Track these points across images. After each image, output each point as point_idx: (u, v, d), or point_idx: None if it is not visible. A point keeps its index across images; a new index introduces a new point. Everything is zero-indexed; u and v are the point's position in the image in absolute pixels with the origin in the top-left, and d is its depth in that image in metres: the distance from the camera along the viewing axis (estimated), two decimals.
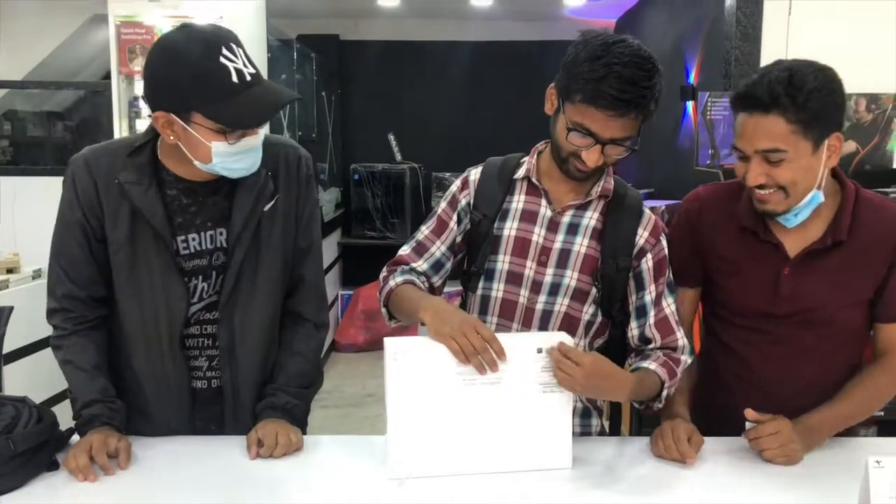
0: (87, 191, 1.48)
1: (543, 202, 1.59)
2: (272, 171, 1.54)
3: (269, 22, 3.89)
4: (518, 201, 1.61)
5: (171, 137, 1.40)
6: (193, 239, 1.51)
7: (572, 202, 1.57)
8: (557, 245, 1.57)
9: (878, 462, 1.06)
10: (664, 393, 1.50)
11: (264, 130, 1.45)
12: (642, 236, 1.57)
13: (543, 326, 1.58)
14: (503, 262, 1.58)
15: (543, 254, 1.57)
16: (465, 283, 1.67)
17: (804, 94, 1.38)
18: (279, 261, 1.57)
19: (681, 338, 1.57)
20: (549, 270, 1.57)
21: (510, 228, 1.59)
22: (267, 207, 1.53)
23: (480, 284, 1.61)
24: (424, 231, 1.65)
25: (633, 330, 1.59)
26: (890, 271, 1.53)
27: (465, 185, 1.64)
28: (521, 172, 1.61)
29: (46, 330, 1.57)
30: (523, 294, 1.58)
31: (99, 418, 1.47)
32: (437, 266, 1.63)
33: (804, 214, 1.50)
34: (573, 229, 1.57)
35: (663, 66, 1.43)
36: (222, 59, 1.32)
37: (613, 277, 1.56)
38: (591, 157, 1.44)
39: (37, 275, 3.35)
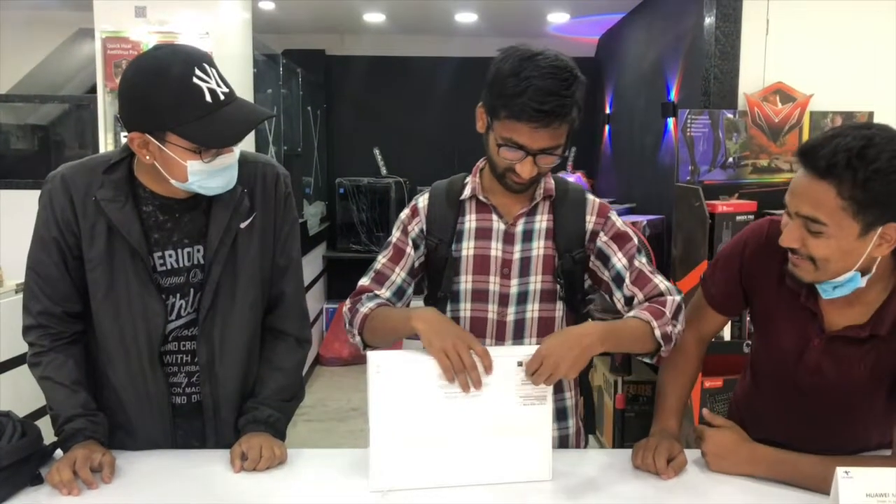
0: (63, 209, 1.48)
1: (494, 217, 1.61)
2: (249, 189, 1.54)
3: (255, 37, 3.90)
4: (470, 221, 1.63)
5: (147, 157, 1.40)
6: (170, 256, 1.51)
7: (521, 211, 1.60)
8: (517, 255, 1.60)
9: (846, 472, 1.08)
10: (657, 332, 1.46)
11: (239, 148, 1.46)
12: (590, 221, 1.61)
13: (518, 336, 1.60)
14: (467, 282, 1.60)
15: (505, 266, 1.59)
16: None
17: (868, 171, 1.21)
18: (257, 278, 1.58)
19: (660, 282, 1.56)
20: (514, 281, 1.59)
21: (468, 248, 1.61)
22: (243, 225, 1.54)
23: (448, 308, 1.62)
24: (382, 260, 1.65)
25: (618, 300, 1.59)
26: None
27: (414, 212, 1.66)
28: (467, 192, 1.63)
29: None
30: (492, 309, 1.60)
31: (82, 432, 1.47)
32: (399, 293, 1.63)
33: (843, 291, 1.37)
34: (528, 236, 1.61)
35: (644, 81, 1.46)
36: (195, 80, 1.34)
37: (572, 270, 1.60)
38: (525, 170, 1.47)
39: (20, 289, 3.32)
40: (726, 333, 2.82)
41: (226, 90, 1.38)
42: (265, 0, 4.73)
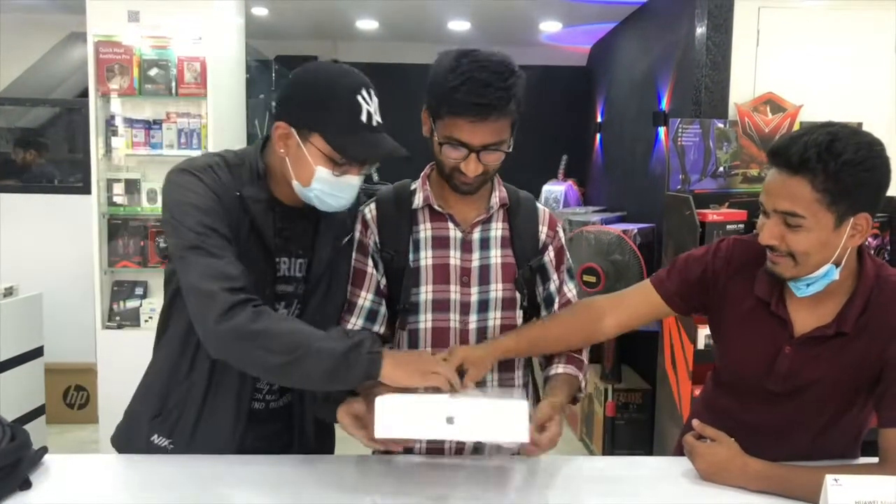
0: (217, 193, 1.40)
1: (450, 225, 1.59)
2: (351, 209, 1.55)
3: (247, 43, 3.90)
4: (425, 230, 1.59)
5: (282, 151, 1.41)
6: (284, 263, 1.51)
7: (477, 219, 1.59)
8: (475, 263, 1.59)
9: (836, 480, 1.09)
10: (582, 384, 1.62)
11: (361, 177, 1.47)
12: (542, 231, 1.64)
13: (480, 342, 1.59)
14: (427, 293, 1.57)
15: (465, 275, 1.58)
16: (391, 322, 1.63)
17: (838, 163, 1.29)
18: (342, 294, 1.58)
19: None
20: (474, 289, 1.58)
21: (426, 258, 1.58)
22: (345, 241, 1.56)
23: (408, 319, 1.59)
24: (348, 289, 1.59)
25: (542, 315, 1.66)
26: (884, 368, 1.42)
27: (364, 225, 1.60)
28: (418, 201, 1.59)
29: (17, 347, 1.55)
30: (453, 318, 1.58)
31: (377, 342, 1.45)
32: (371, 316, 1.58)
33: (816, 287, 1.42)
34: (485, 244, 1.60)
35: (635, 90, 1.46)
36: (360, 98, 1.38)
37: (531, 279, 1.62)
38: (470, 167, 1.46)
39: (8, 292, 3.30)
40: None
41: (380, 120, 1.43)
42: (258, 6, 4.73)
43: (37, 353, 3.45)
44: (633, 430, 3.87)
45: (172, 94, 3.09)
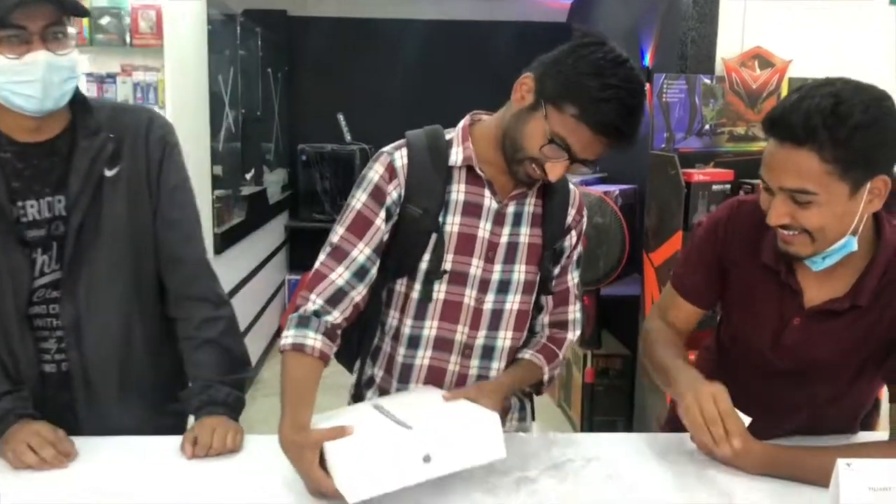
0: None
1: (487, 193, 1.45)
2: (117, 136, 1.44)
3: None
4: (458, 192, 1.44)
5: None
6: (32, 206, 1.41)
7: (516, 191, 1.46)
8: (504, 239, 1.47)
9: (848, 464, 1.00)
10: (545, 377, 1.54)
11: (67, 56, 1.33)
12: (570, 214, 1.53)
13: (493, 327, 1.50)
14: (446, 262, 1.45)
15: (490, 249, 1.46)
16: (391, 283, 1.49)
17: (847, 129, 1.17)
18: (125, 232, 1.46)
19: (573, 311, 1.58)
20: (497, 267, 1.47)
21: (452, 224, 1.44)
22: (109, 173, 1.43)
23: (416, 287, 1.46)
24: (340, 231, 1.42)
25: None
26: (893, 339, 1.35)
27: (391, 173, 1.41)
28: (457, 159, 1.42)
29: None
30: (469, 294, 1.47)
31: (12, 412, 1.37)
32: (360, 273, 1.40)
33: (833, 259, 1.32)
34: (518, 219, 1.48)
35: (618, 47, 1.32)
36: None
37: (552, 263, 1.53)
38: (556, 171, 1.33)
39: None
40: None
41: None
42: None
43: None
44: (612, 397, 3.82)
45: (127, 44, 2.90)
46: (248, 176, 5.11)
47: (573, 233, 1.54)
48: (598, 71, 1.25)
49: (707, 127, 3.02)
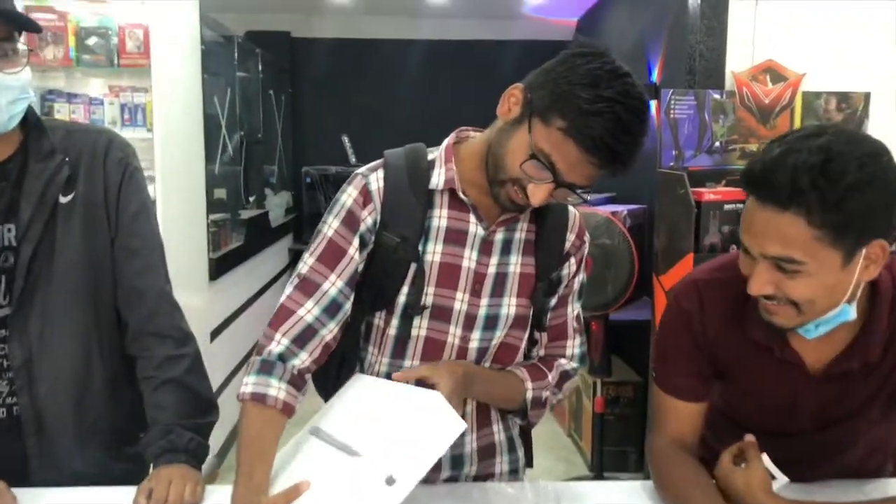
0: None
1: (472, 218, 1.30)
2: (73, 159, 1.33)
3: (211, 17, 3.63)
4: (440, 217, 1.29)
5: None
6: None
7: (505, 217, 1.31)
8: (492, 269, 1.32)
9: None
10: (528, 395, 1.35)
11: (18, 75, 1.23)
12: (569, 240, 1.38)
13: (477, 364, 1.36)
14: (427, 296, 1.30)
15: (477, 281, 1.31)
16: (369, 315, 1.34)
17: (840, 190, 1.01)
18: (82, 261, 1.35)
19: (571, 346, 1.42)
20: (484, 301, 1.32)
21: (433, 253, 1.29)
22: (64, 199, 1.32)
23: (394, 322, 1.32)
24: (309, 261, 1.28)
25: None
26: None
27: (366, 197, 1.27)
28: (437, 181, 1.28)
29: None
30: (453, 332, 1.32)
31: None
32: (332, 308, 1.26)
33: (828, 327, 1.17)
34: (507, 247, 1.33)
35: (625, 64, 1.16)
36: None
37: (547, 294, 1.38)
38: (539, 195, 1.17)
39: None
40: None
41: None
42: None
43: None
44: (623, 426, 3.68)
45: (114, 65, 2.81)
46: (250, 199, 5.04)
47: (572, 260, 1.39)
48: (592, 82, 1.10)
49: (717, 144, 2.91)
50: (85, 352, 1.37)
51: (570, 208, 1.39)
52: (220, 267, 3.68)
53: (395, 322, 1.31)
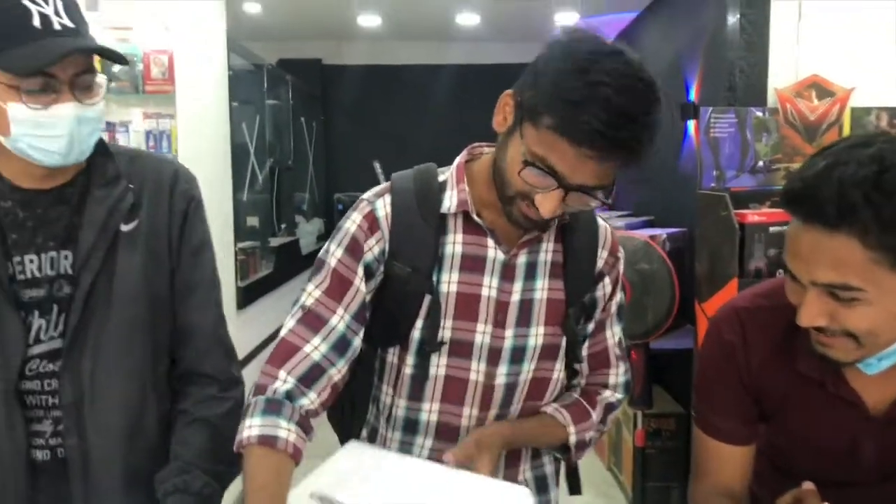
0: None
1: (490, 242, 1.20)
2: (137, 186, 1.27)
3: (241, 45, 3.62)
4: (455, 243, 1.19)
5: None
6: (31, 261, 1.21)
7: (526, 238, 1.20)
8: (516, 297, 1.21)
9: None
10: (571, 439, 1.26)
11: (96, 106, 1.18)
12: (601, 257, 1.27)
13: (507, 404, 1.25)
14: (445, 329, 1.19)
15: (500, 311, 1.20)
16: (383, 352, 1.25)
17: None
18: (142, 296, 1.26)
19: (615, 374, 1.31)
20: (509, 332, 1.21)
21: (449, 283, 1.18)
22: (126, 227, 1.24)
23: (409, 360, 1.21)
24: (314, 292, 1.16)
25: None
26: None
27: (372, 225, 1.18)
28: (451, 204, 1.18)
29: None
30: (476, 368, 1.21)
31: None
32: (340, 345, 1.15)
33: (892, 360, 1.04)
34: (531, 271, 1.22)
35: (662, 84, 1.04)
36: (25, 1, 1.10)
37: (580, 320, 1.27)
38: (547, 205, 1.05)
39: None
40: None
41: (68, 23, 1.12)
42: (250, 1, 4.47)
43: None
44: (666, 460, 3.50)
45: (139, 91, 2.79)
46: (281, 226, 5.02)
47: (606, 280, 1.27)
48: (576, 67, 0.99)
49: (761, 163, 2.80)
50: (139, 392, 1.28)
51: (600, 222, 1.29)
52: (247, 295, 3.64)
53: (410, 360, 1.21)
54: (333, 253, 1.19)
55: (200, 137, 3.05)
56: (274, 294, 4.21)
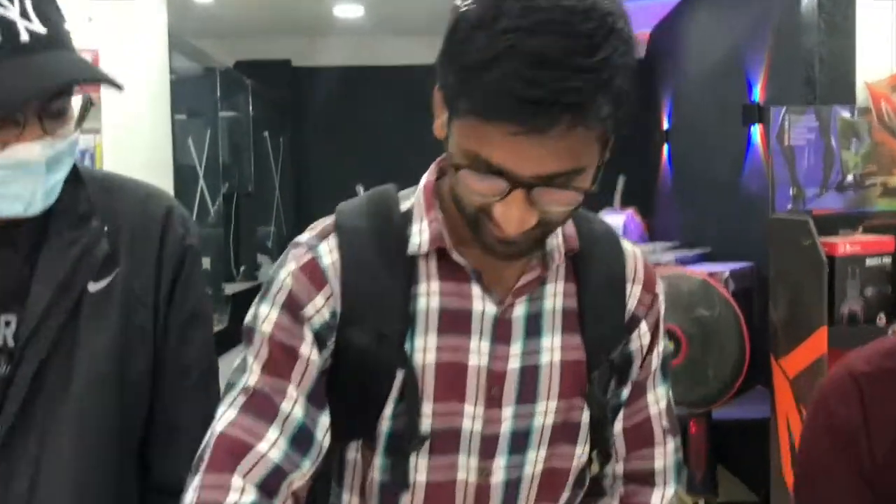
0: None
1: (476, 290, 1.10)
2: (113, 227, 1.18)
3: (189, 43, 3.63)
4: (429, 295, 1.09)
5: None
6: None
7: (523, 281, 1.10)
8: (514, 364, 1.11)
9: None
10: None
11: (68, 139, 1.10)
12: (633, 295, 1.17)
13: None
14: (424, 416, 1.09)
15: (494, 383, 1.10)
16: (342, 444, 1.13)
17: None
18: (112, 380, 1.18)
19: (661, 455, 1.22)
20: (508, 411, 1.11)
21: (424, 350, 1.08)
22: (95, 287, 1.16)
23: (377, 462, 1.10)
24: (255, 368, 1.04)
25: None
26: None
27: (315, 277, 1.07)
28: (420, 241, 1.09)
29: None
30: (465, 464, 1.11)
31: None
32: (301, 439, 1.04)
33: None
34: (534, 325, 1.12)
35: (715, 81, 0.99)
36: None
37: (609, 384, 1.18)
38: (510, 215, 0.95)
39: None
40: None
41: (38, 28, 1.04)
42: None
43: None
44: None
45: None
46: (240, 269, 5.03)
47: (643, 325, 1.18)
48: (480, 22, 0.89)
49: (850, 178, 2.84)
50: (99, 482, 1.22)
51: (626, 246, 1.19)
52: None
53: (379, 461, 1.10)
54: (267, 317, 1.07)
55: (132, 156, 3.04)
56: (228, 357, 4.15)
